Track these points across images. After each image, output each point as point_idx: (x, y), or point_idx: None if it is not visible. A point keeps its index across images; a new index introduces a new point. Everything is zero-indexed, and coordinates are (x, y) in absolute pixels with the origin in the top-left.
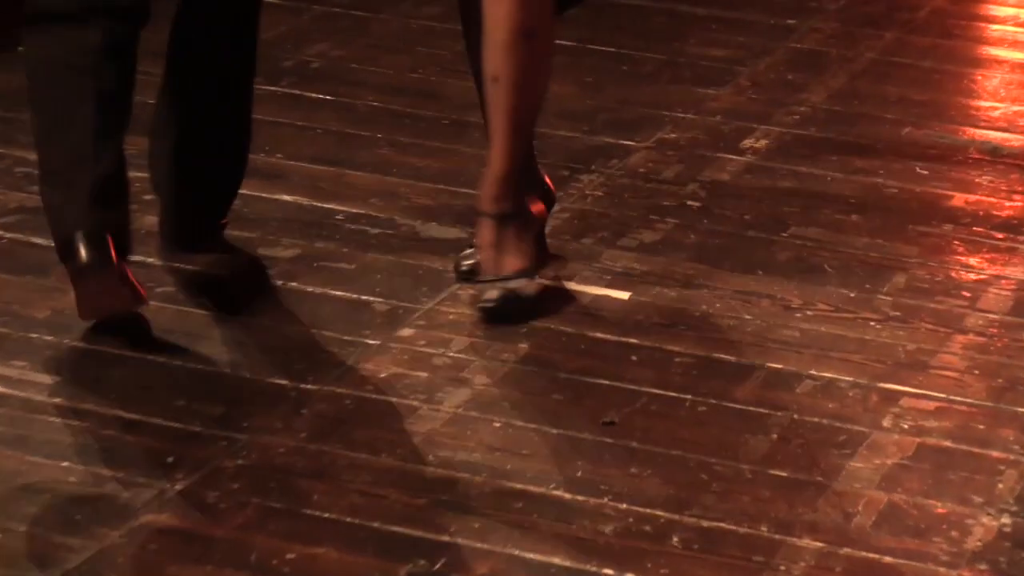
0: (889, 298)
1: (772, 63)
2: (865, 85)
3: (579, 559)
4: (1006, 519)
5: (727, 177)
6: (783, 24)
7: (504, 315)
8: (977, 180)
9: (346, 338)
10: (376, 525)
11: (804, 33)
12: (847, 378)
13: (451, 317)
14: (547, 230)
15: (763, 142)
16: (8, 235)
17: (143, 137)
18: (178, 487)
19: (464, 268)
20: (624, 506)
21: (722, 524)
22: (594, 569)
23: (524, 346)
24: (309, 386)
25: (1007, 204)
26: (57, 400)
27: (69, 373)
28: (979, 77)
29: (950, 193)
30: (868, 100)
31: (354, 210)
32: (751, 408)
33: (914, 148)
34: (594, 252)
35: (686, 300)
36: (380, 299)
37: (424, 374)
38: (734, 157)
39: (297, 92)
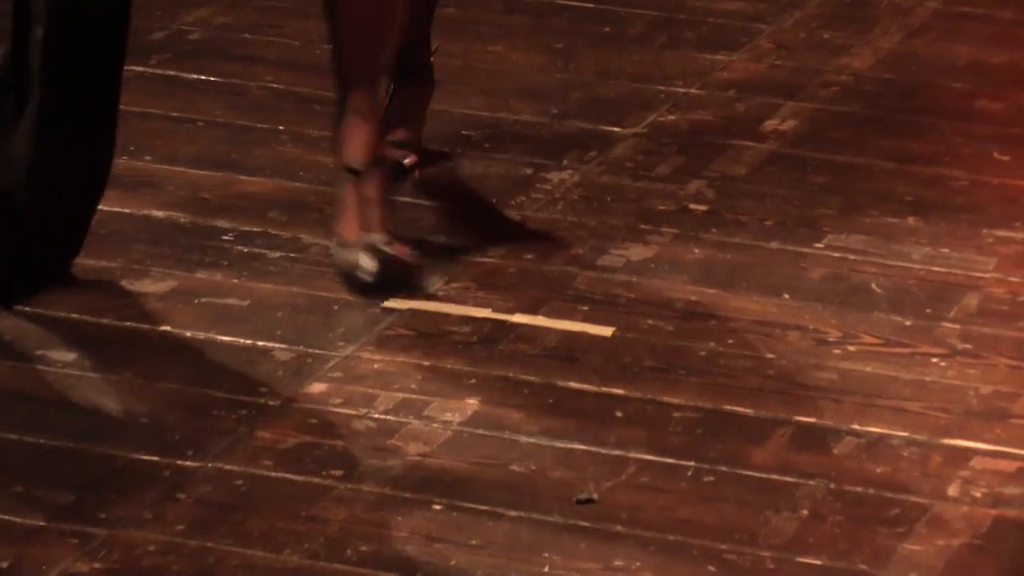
0: (957, 326)
1: (802, 18)
2: (926, 45)
3: None
4: None
5: (743, 171)
6: None
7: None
8: None
9: (237, 397)
10: None
11: None
12: (901, 433)
13: (376, 366)
14: (502, 250)
15: (791, 123)
16: None
17: None
18: None
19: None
20: None
21: None
22: None
23: (473, 402)
24: (188, 462)
25: None
26: None
27: None
28: None
29: None
30: (929, 65)
31: (247, 227)
32: (774, 476)
33: (989, 127)
34: (567, 274)
35: (688, 336)
36: (282, 345)
37: (340, 443)
38: (752, 144)
39: (171, 73)
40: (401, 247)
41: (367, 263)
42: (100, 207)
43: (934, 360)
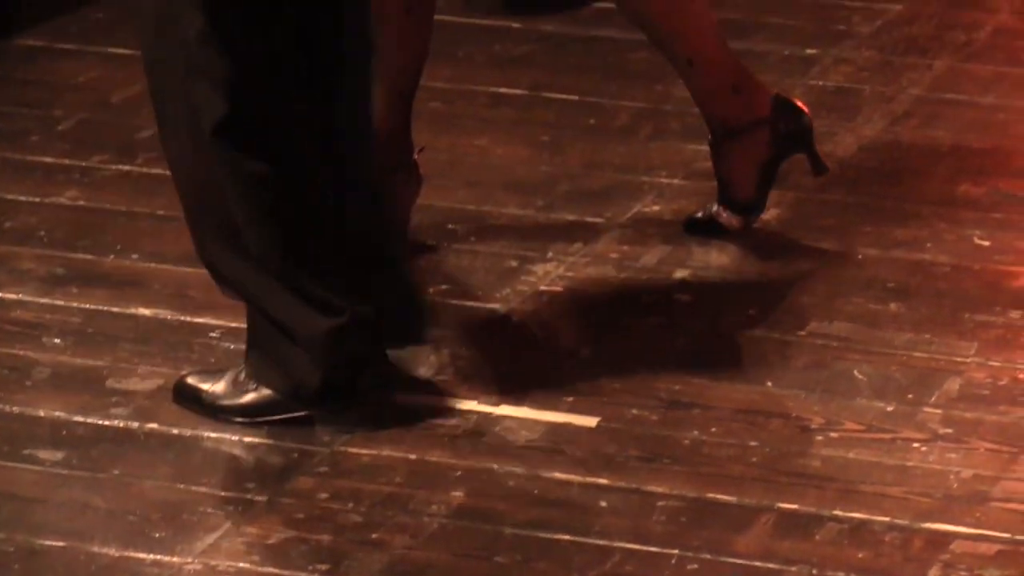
0: (938, 411)
1: None
2: (908, 132)
3: None
4: None
5: (727, 260)
6: (801, 55)
7: None
8: None
9: (224, 494)
10: None
11: (829, 66)
12: (882, 518)
13: (363, 460)
14: (487, 342)
15: (775, 211)
16: None
17: None
18: None
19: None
20: None
21: None
22: None
23: (458, 494)
24: (175, 559)
25: None
26: None
27: None
28: None
29: (1019, 269)
30: (912, 151)
31: (234, 324)
32: (756, 563)
33: (972, 212)
34: (552, 366)
35: (672, 425)
36: (270, 440)
37: (327, 537)
38: (736, 234)
39: (157, 171)
40: None
41: None
42: (86, 306)
43: (915, 445)
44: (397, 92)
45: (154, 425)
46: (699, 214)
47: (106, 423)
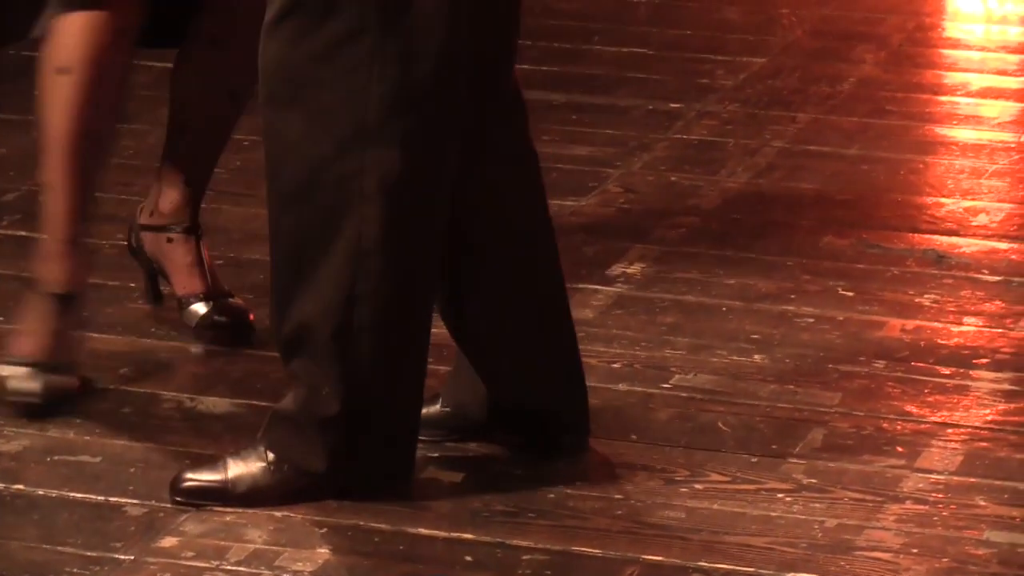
0: (802, 462)
1: (651, 161)
2: (772, 184)
3: None
4: None
5: (590, 315)
6: (665, 109)
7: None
8: (917, 301)
9: (89, 554)
10: None
11: (692, 120)
12: (747, 569)
13: (228, 518)
14: None
15: (638, 266)
16: None
17: None
18: None
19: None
20: None
21: None
22: None
23: (324, 551)
24: None
25: (955, 330)
26: None
27: None
28: (920, 166)
29: (882, 320)
30: (776, 204)
31: (100, 385)
32: None
33: (836, 263)
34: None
35: (536, 479)
36: (135, 500)
37: None
38: (600, 288)
39: (22, 234)
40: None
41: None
42: None
43: (780, 495)
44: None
45: (20, 486)
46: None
47: None
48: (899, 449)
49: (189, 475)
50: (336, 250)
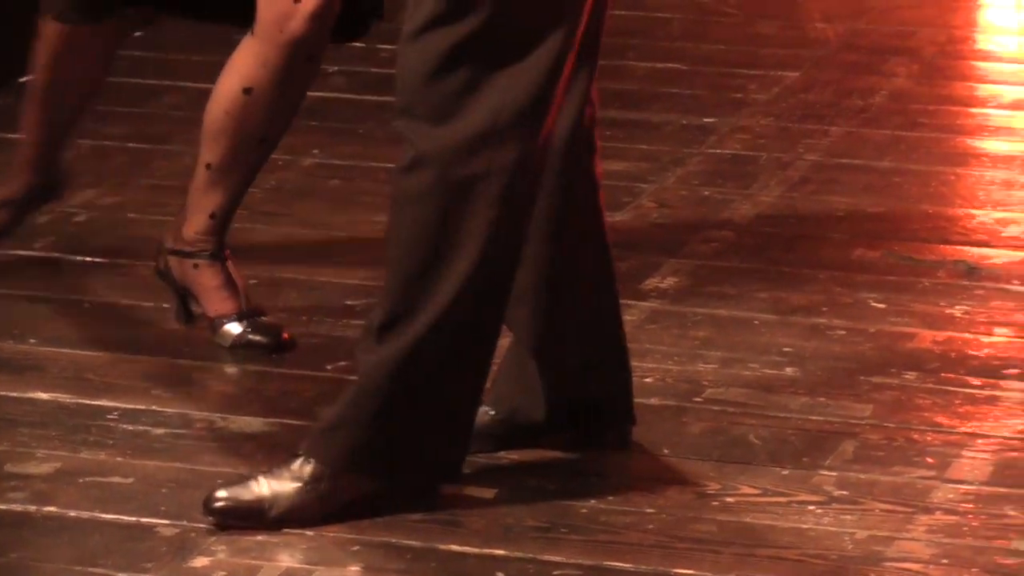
0: (833, 474)
1: (684, 176)
2: (805, 197)
3: None
4: None
5: (625, 329)
6: (698, 124)
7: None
8: (948, 312)
9: (120, 575)
10: None
11: (726, 134)
12: None
13: (259, 538)
14: None
15: (672, 280)
16: None
17: None
18: None
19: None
20: None
21: None
22: None
23: (356, 568)
24: None
25: (986, 341)
26: None
27: None
28: (951, 178)
29: (913, 331)
30: (809, 217)
31: (132, 405)
32: None
33: (867, 275)
34: None
35: (569, 494)
36: (166, 521)
37: None
38: (634, 303)
39: (56, 255)
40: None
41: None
42: None
43: (811, 508)
44: None
45: (52, 508)
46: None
47: (3, 507)
48: (929, 460)
49: (222, 494)
50: (461, 249)
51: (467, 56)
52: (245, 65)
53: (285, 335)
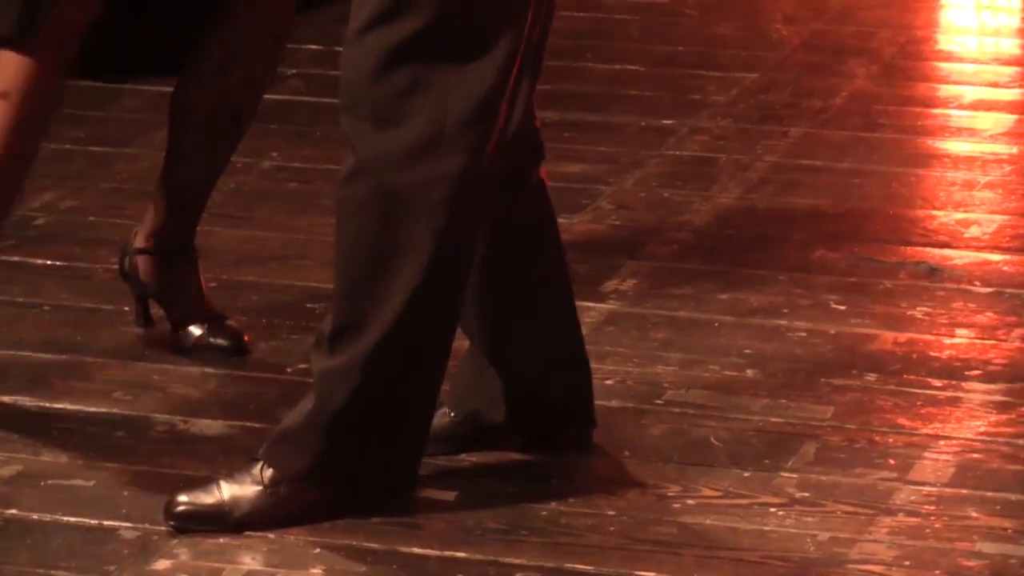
0: (795, 475)
1: (643, 178)
2: (765, 199)
3: None
4: None
5: (584, 331)
6: (657, 126)
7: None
8: (909, 314)
9: None
10: None
11: (685, 136)
12: None
13: (222, 541)
14: None
15: (631, 282)
16: None
17: None
18: None
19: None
20: None
21: None
22: None
23: (317, 570)
24: None
25: (947, 342)
26: None
27: None
28: (912, 179)
29: (875, 332)
30: (768, 218)
31: (94, 408)
32: None
33: (828, 277)
34: None
35: (530, 496)
36: (128, 523)
37: None
38: (593, 305)
39: (16, 259)
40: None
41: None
42: None
43: (772, 510)
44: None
45: (14, 511)
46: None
47: None
48: (891, 462)
49: (183, 499)
50: (405, 258)
51: (411, 56)
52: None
53: (246, 338)
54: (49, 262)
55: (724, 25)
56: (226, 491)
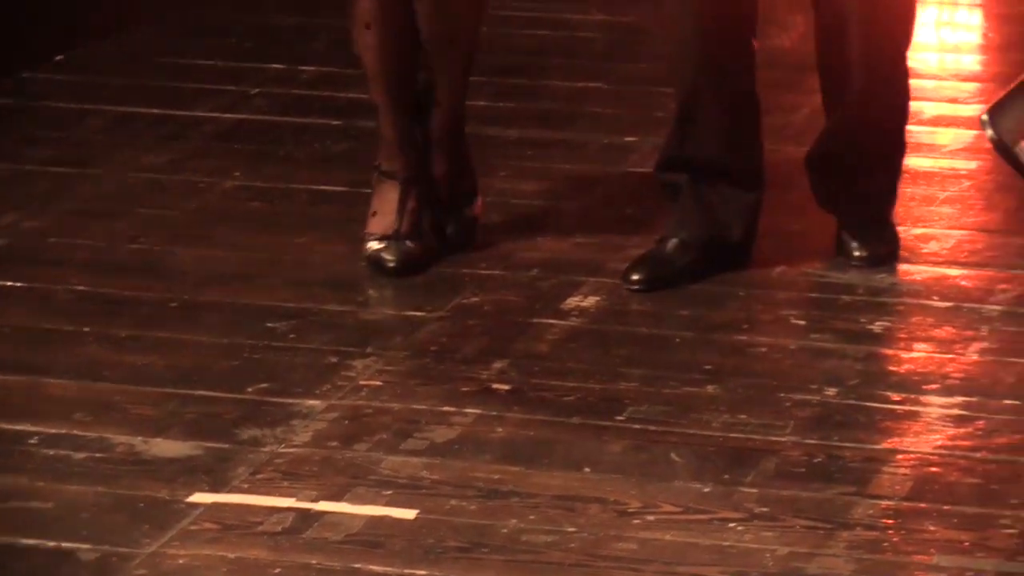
0: (754, 490)
1: (606, 195)
2: None
3: None
4: None
5: (545, 348)
6: (620, 143)
7: None
8: (868, 328)
9: None
10: None
11: (647, 153)
12: None
13: (181, 562)
14: (306, 439)
15: (593, 299)
16: None
17: None
18: None
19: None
20: None
21: None
22: None
23: None
24: None
25: (906, 356)
26: None
27: None
28: None
29: (833, 347)
30: None
31: (53, 430)
32: None
33: (788, 292)
34: (370, 460)
35: (491, 514)
36: (87, 545)
37: None
38: (555, 322)
39: None
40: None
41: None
42: None
43: (732, 525)
44: None
45: None
46: None
47: None
48: (850, 476)
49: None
50: None
51: None
52: None
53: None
54: (10, 283)
55: None
56: None
